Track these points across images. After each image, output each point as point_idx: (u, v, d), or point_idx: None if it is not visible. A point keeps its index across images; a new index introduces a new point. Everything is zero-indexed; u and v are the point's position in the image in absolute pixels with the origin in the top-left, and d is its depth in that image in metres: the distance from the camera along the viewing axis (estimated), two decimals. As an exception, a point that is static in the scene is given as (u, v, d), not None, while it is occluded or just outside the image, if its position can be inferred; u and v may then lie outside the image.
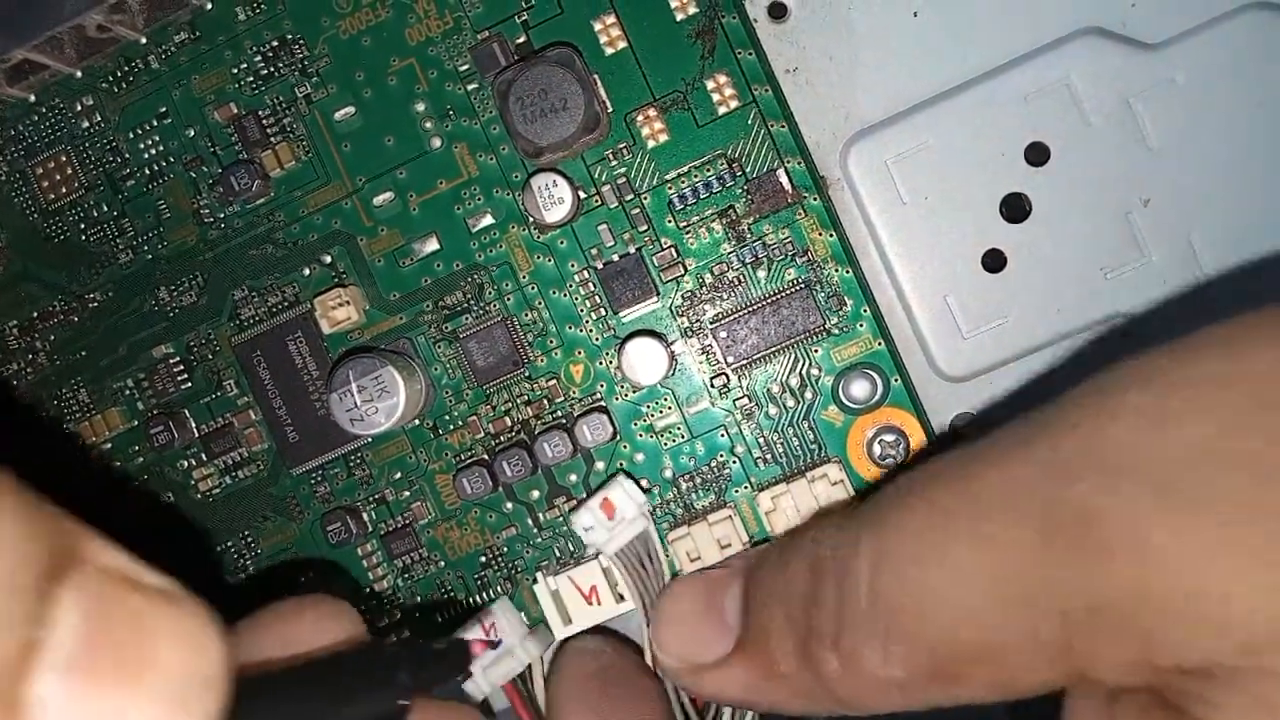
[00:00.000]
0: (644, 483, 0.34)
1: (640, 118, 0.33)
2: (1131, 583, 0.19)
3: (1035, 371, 0.34)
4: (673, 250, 0.33)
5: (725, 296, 0.33)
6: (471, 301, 0.34)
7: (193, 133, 0.35)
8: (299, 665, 0.22)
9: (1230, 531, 0.18)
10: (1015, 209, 0.33)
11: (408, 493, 0.35)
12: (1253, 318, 0.20)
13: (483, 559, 0.35)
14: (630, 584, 0.32)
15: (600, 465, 0.34)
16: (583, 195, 0.33)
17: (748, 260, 0.33)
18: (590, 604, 0.33)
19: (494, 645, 0.32)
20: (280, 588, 0.36)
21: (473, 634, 0.32)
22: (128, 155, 0.36)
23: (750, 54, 0.32)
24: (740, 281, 0.33)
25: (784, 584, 0.26)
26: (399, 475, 0.35)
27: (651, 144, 0.33)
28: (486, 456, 0.34)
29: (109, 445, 0.36)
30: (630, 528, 0.32)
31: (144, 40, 0.35)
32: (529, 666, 0.33)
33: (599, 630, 0.34)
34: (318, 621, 0.24)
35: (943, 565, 0.21)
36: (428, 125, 0.34)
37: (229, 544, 0.36)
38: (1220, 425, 0.19)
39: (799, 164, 0.32)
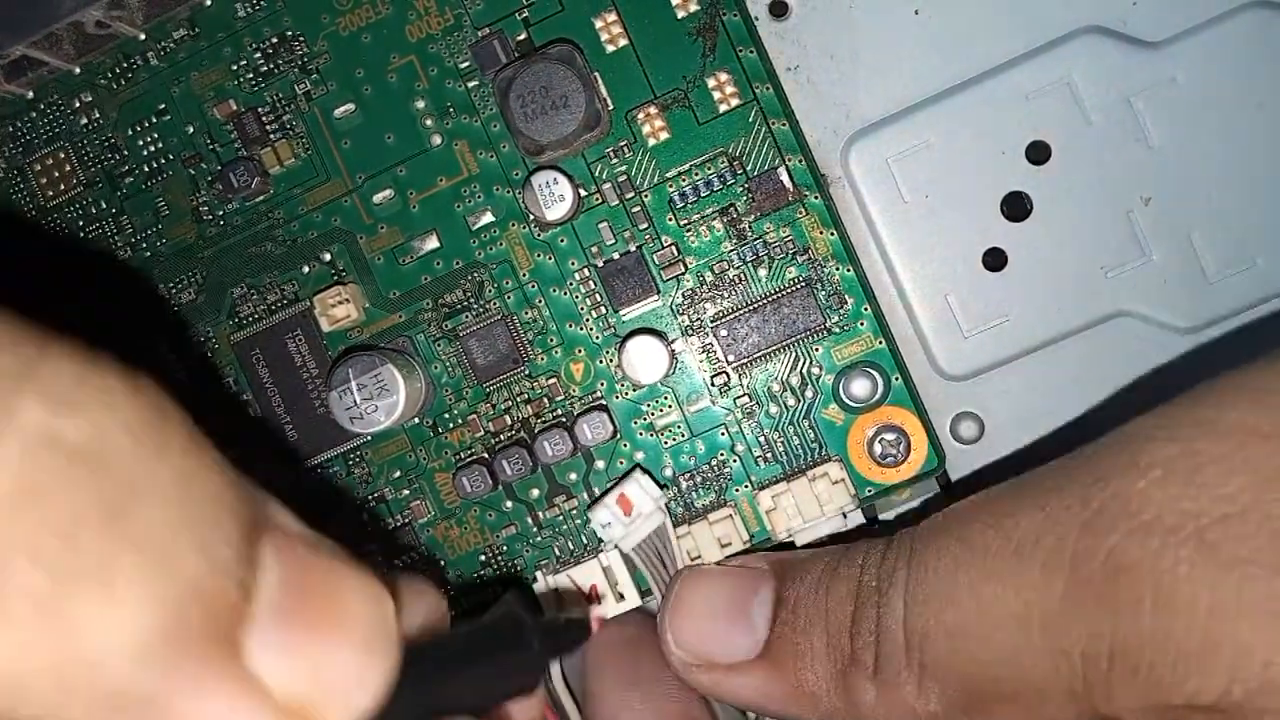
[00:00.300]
0: (644, 481, 0.34)
1: (641, 115, 0.33)
2: (1155, 631, 0.19)
3: (1036, 370, 0.34)
4: (673, 248, 0.33)
5: (726, 295, 0.33)
6: (471, 299, 0.34)
7: (192, 130, 0.35)
8: (450, 635, 0.23)
9: (1259, 588, 0.18)
10: (1016, 208, 0.33)
11: (407, 491, 0.35)
12: (1277, 364, 0.20)
13: (482, 558, 0.35)
14: (651, 577, 0.32)
15: (600, 464, 0.34)
16: (583, 193, 0.33)
17: (748, 258, 0.33)
18: (590, 603, 0.33)
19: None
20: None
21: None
22: (126, 152, 0.35)
23: (751, 52, 0.32)
24: (741, 280, 0.33)
25: (826, 607, 0.26)
26: (398, 473, 0.35)
27: (652, 142, 0.33)
28: (486, 455, 0.34)
29: (107, 443, 0.36)
30: (647, 522, 0.32)
31: (143, 37, 0.35)
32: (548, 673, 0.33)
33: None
34: (411, 601, 0.24)
35: (976, 605, 0.22)
36: (428, 122, 0.34)
37: (227, 542, 0.36)
38: (1250, 481, 0.19)
39: (800, 162, 0.32)
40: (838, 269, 0.33)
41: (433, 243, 0.34)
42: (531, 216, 0.33)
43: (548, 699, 0.33)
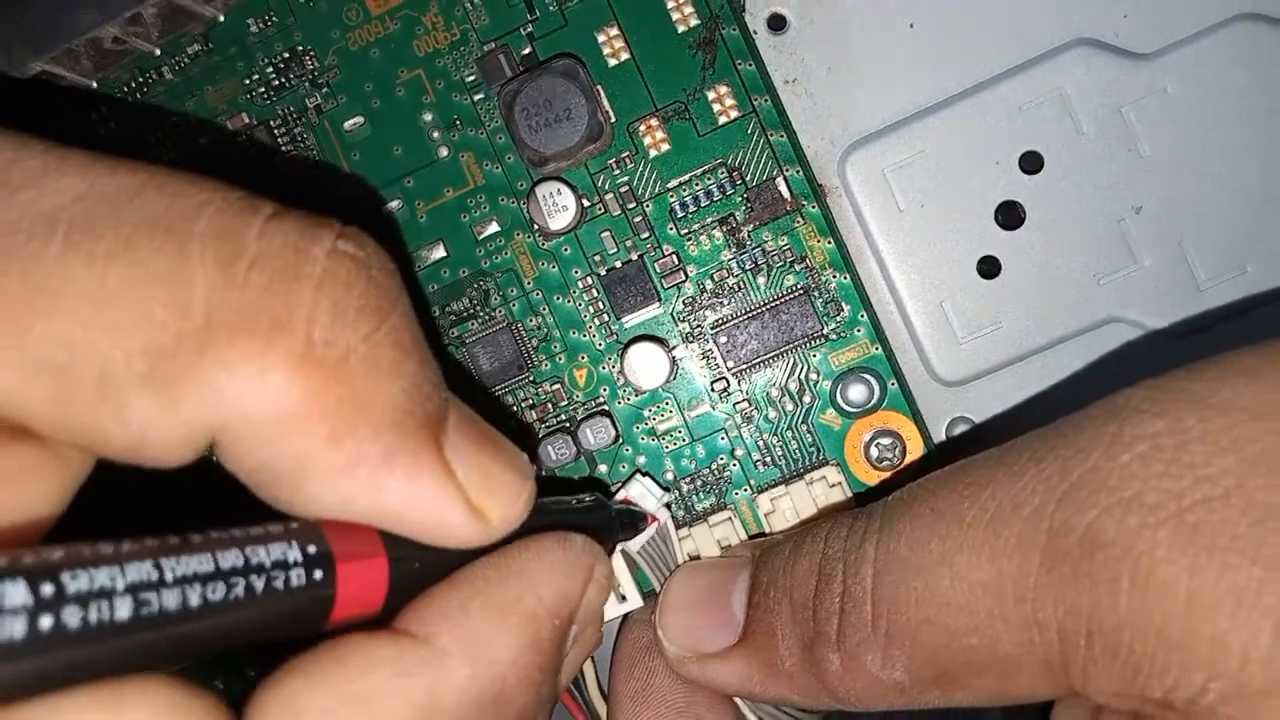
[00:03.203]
0: (646, 484, 0.34)
1: (642, 127, 0.34)
2: (1132, 614, 0.19)
3: (1030, 376, 0.34)
4: (674, 257, 0.34)
5: (725, 302, 0.34)
6: (477, 307, 0.35)
7: (205, 142, 0.36)
8: (562, 505, 0.27)
9: (1238, 577, 0.18)
10: (1010, 216, 0.34)
11: (415, 494, 0.36)
12: (1276, 346, 0.20)
13: (488, 559, 0.35)
14: (655, 578, 0.32)
15: (603, 468, 0.35)
16: (586, 203, 0.34)
17: (747, 266, 0.34)
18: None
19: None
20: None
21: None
22: (142, 164, 0.36)
23: (750, 65, 0.33)
24: (740, 287, 0.34)
25: (792, 582, 0.26)
26: (406, 477, 0.36)
27: (653, 153, 0.34)
28: (492, 459, 0.35)
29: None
30: (651, 524, 0.33)
31: (158, 52, 0.36)
32: (581, 670, 0.33)
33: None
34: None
35: (947, 574, 0.22)
36: (435, 135, 0.35)
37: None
38: (1236, 462, 0.18)
39: (798, 172, 0.33)
40: (835, 277, 0.33)
41: (440, 252, 0.35)
42: (536, 226, 0.34)
43: (580, 704, 0.34)
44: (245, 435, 0.17)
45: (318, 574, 0.17)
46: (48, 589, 0.13)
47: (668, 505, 0.34)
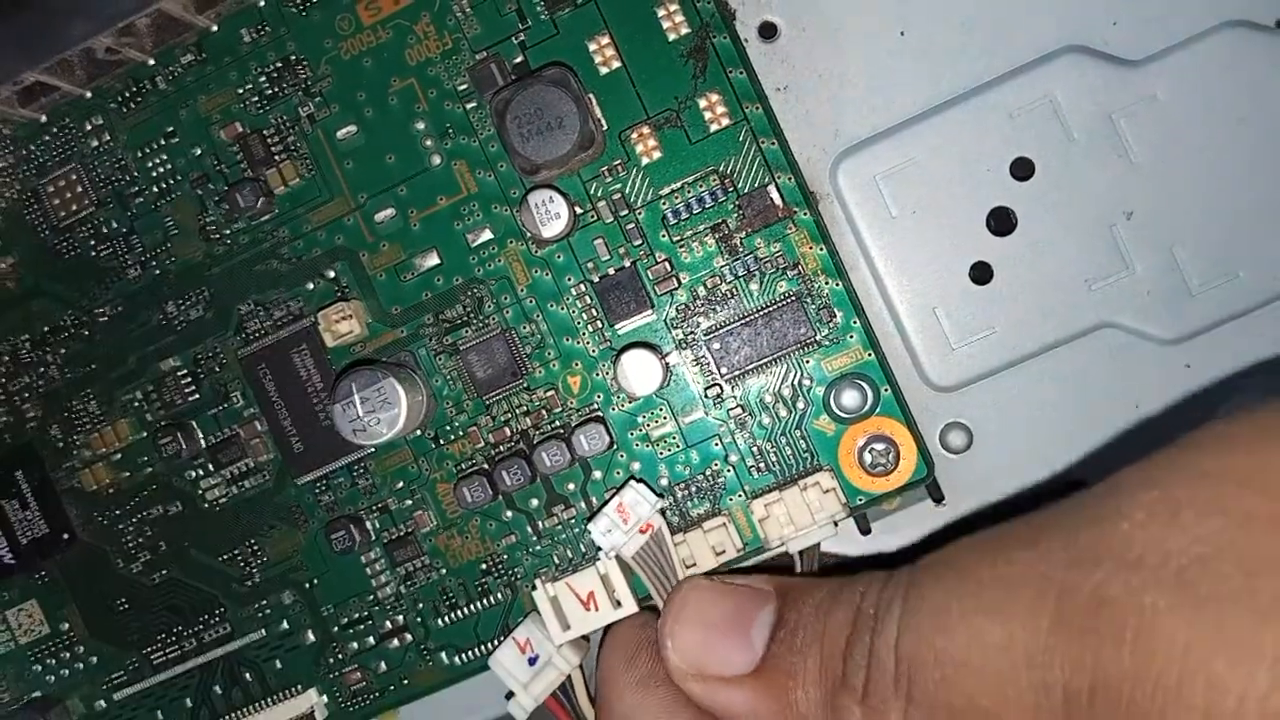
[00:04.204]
0: (640, 491, 0.34)
1: (634, 135, 0.34)
2: (1135, 666, 0.20)
3: (1023, 381, 0.34)
4: (667, 264, 0.34)
5: (718, 309, 0.34)
6: (471, 315, 0.35)
7: (199, 151, 0.36)
8: None
9: (1233, 625, 0.19)
10: (1001, 222, 0.34)
11: (410, 501, 0.36)
12: (1256, 415, 0.21)
13: (483, 566, 0.36)
14: (651, 584, 0.33)
15: (598, 474, 0.35)
16: (579, 211, 0.34)
17: (740, 273, 0.34)
18: (588, 609, 0.34)
19: (532, 661, 0.33)
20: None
21: (509, 651, 0.34)
22: (136, 173, 0.36)
23: (741, 73, 0.33)
24: (733, 294, 0.34)
25: (825, 629, 0.27)
26: (401, 484, 0.36)
27: (645, 161, 0.34)
28: (486, 466, 0.35)
29: (119, 455, 0.37)
30: (647, 531, 0.33)
31: (152, 62, 0.36)
32: (569, 677, 0.34)
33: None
34: None
35: (966, 635, 0.23)
36: (428, 143, 0.35)
37: (235, 553, 0.37)
38: (1226, 521, 0.20)
39: (789, 179, 0.33)
40: (827, 283, 0.33)
41: (433, 259, 0.35)
42: (529, 234, 0.34)
43: (568, 711, 0.34)
44: None
45: None
46: None
47: (662, 511, 0.34)
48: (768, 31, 0.35)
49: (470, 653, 0.36)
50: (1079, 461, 0.35)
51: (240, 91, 0.36)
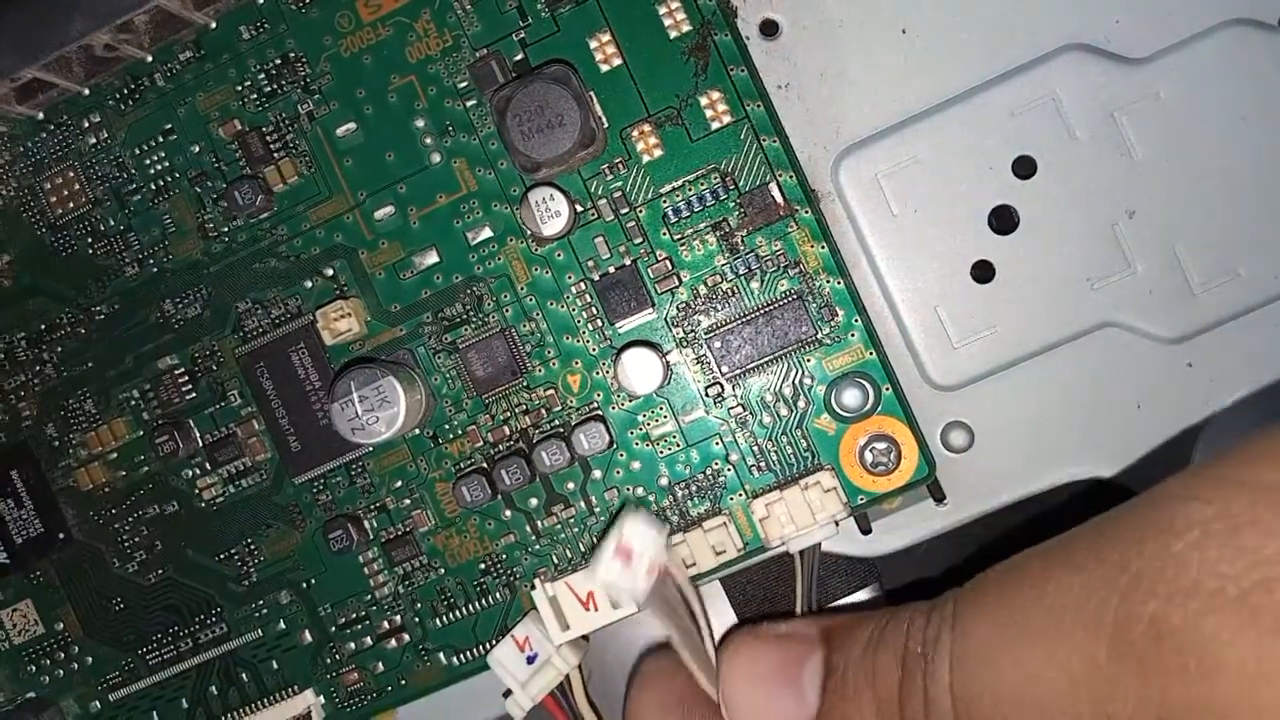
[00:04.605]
0: (640, 490, 0.34)
1: (635, 133, 0.34)
2: (1200, 698, 0.19)
3: (1024, 380, 0.34)
4: (667, 262, 0.34)
5: (719, 307, 0.34)
6: (470, 313, 0.35)
7: (197, 149, 0.36)
8: None
9: None
10: (1003, 221, 0.34)
11: (408, 501, 0.36)
12: None
13: (482, 566, 0.35)
14: (666, 621, 0.30)
15: (598, 473, 0.35)
16: (579, 209, 0.34)
17: (741, 272, 0.34)
18: (588, 609, 0.33)
19: (530, 660, 0.33)
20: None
21: (508, 649, 0.33)
22: (134, 171, 0.36)
23: (742, 70, 0.33)
24: (734, 293, 0.34)
25: (875, 671, 0.26)
26: (399, 484, 0.36)
27: (646, 159, 0.34)
28: (485, 465, 0.35)
29: (115, 454, 0.37)
30: (649, 571, 0.31)
31: (150, 59, 0.36)
32: (567, 677, 0.33)
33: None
34: None
35: (1020, 672, 0.22)
36: (427, 141, 0.35)
37: (232, 552, 0.37)
38: None
39: (791, 178, 0.33)
40: (828, 282, 0.33)
41: (432, 257, 0.35)
42: (529, 232, 0.34)
43: (566, 710, 0.34)
44: None
45: None
46: None
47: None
48: (769, 29, 0.35)
49: (468, 653, 0.36)
50: (1081, 461, 0.34)
51: (239, 89, 0.35)
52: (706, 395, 0.34)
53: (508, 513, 0.35)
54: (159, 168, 0.36)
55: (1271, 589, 0.18)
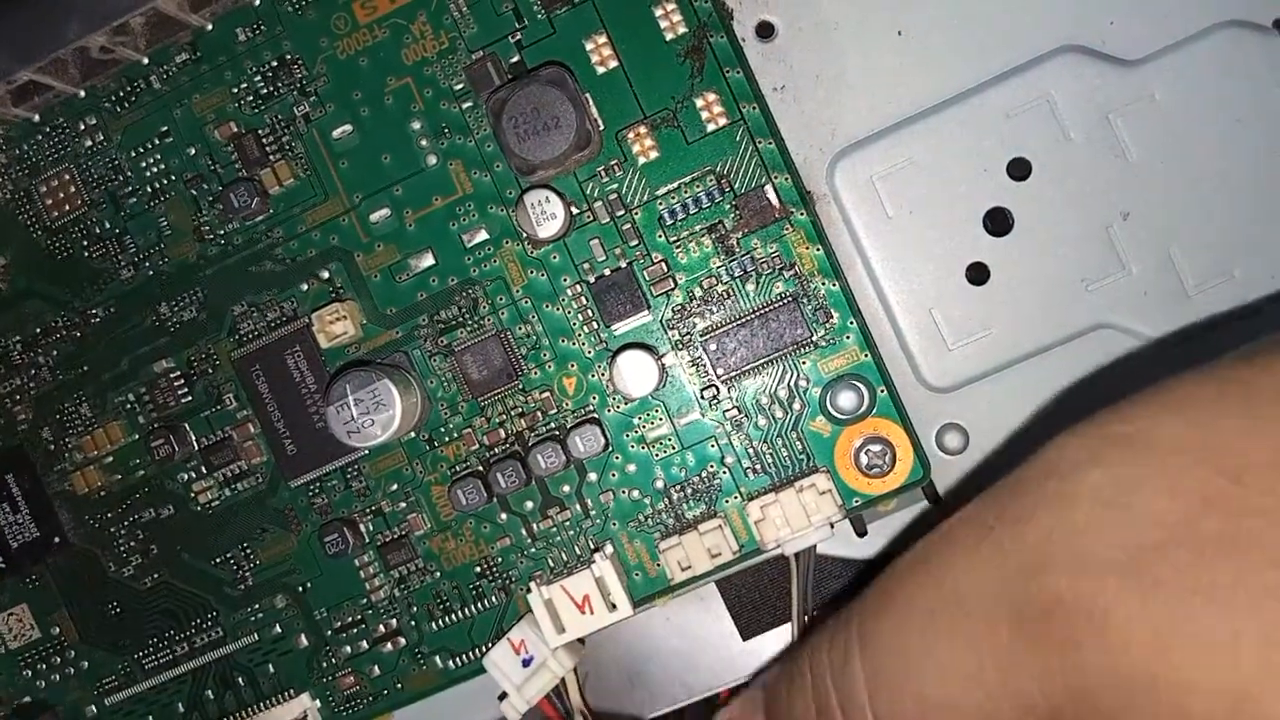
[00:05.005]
0: (635, 493, 0.34)
1: (631, 135, 0.34)
2: (1101, 671, 0.19)
3: (1019, 382, 0.34)
4: (663, 264, 0.34)
5: (715, 309, 0.34)
6: (466, 316, 0.35)
7: (193, 151, 0.36)
8: None
9: (1194, 617, 0.18)
10: (998, 223, 0.34)
11: (404, 504, 0.36)
12: (1208, 376, 0.20)
13: (478, 569, 0.35)
14: None
15: (593, 476, 0.34)
16: (575, 211, 0.34)
17: (736, 274, 0.34)
18: (584, 612, 0.33)
19: (526, 663, 0.33)
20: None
21: (504, 651, 0.33)
22: (130, 173, 0.36)
23: (738, 72, 0.33)
24: (729, 295, 0.34)
25: (792, 716, 0.26)
26: (395, 487, 0.36)
27: (642, 161, 0.34)
28: (481, 468, 0.35)
29: (111, 458, 0.37)
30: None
31: (146, 61, 0.36)
32: (563, 679, 0.33)
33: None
34: None
35: (934, 670, 0.22)
36: (423, 143, 0.35)
37: (228, 556, 0.37)
38: (1175, 504, 0.18)
39: (786, 180, 0.33)
40: (824, 284, 0.33)
41: (428, 260, 0.35)
42: (525, 234, 0.34)
43: (560, 711, 0.34)
44: None
45: None
46: None
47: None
48: (765, 31, 0.35)
49: (465, 656, 0.36)
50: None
51: (235, 91, 0.35)
52: (702, 398, 0.34)
53: (503, 516, 0.35)
54: (155, 170, 0.36)
55: (1162, 551, 0.18)
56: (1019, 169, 0.33)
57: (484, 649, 0.35)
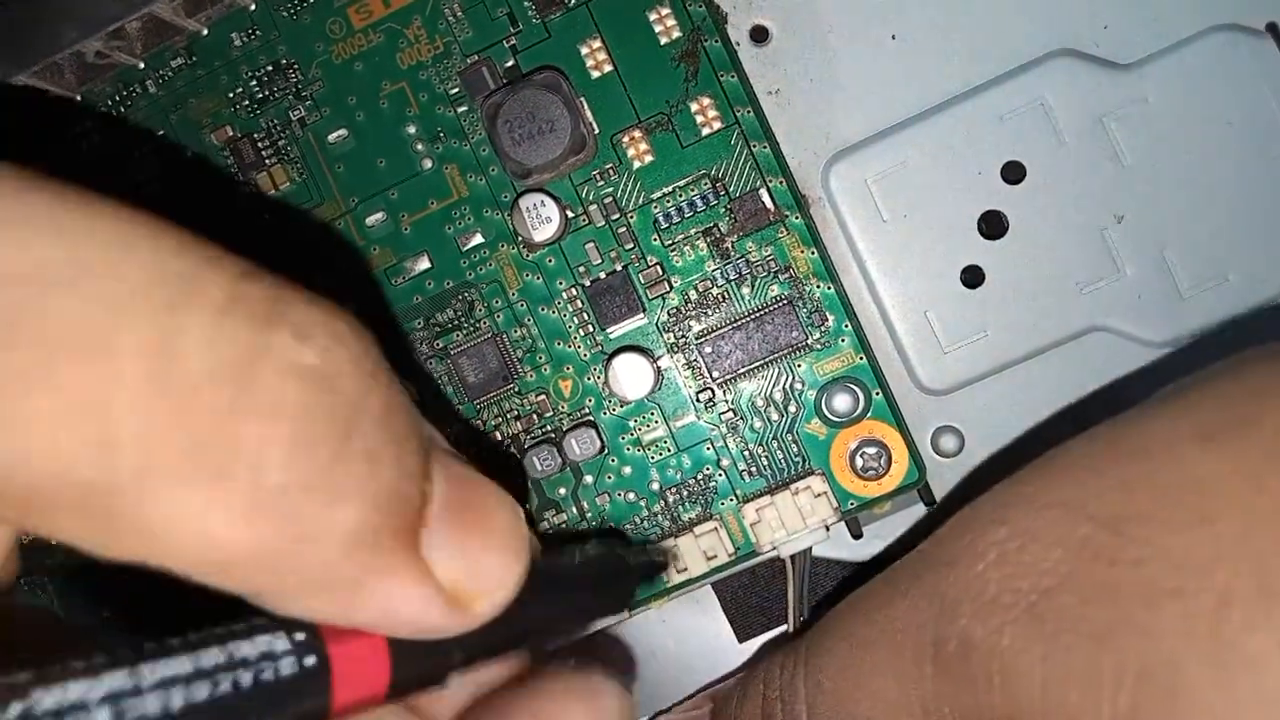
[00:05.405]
0: (631, 495, 0.34)
1: (626, 139, 0.34)
2: (1005, 706, 0.20)
3: (1014, 385, 0.34)
4: (658, 268, 0.34)
5: (710, 312, 0.34)
6: (462, 319, 0.35)
7: (189, 155, 0.36)
8: (560, 561, 0.25)
9: (1079, 655, 0.19)
10: (993, 226, 0.34)
11: (400, 506, 0.36)
12: (1081, 444, 0.22)
13: (474, 571, 0.35)
14: None
15: (589, 479, 0.35)
16: (570, 215, 0.34)
17: (731, 277, 0.34)
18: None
19: None
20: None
21: None
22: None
23: (733, 76, 0.33)
24: (724, 298, 0.34)
25: None
26: (392, 489, 0.36)
27: (637, 164, 0.34)
28: (477, 470, 0.35)
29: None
30: None
31: (142, 65, 0.36)
32: None
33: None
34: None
35: (866, 699, 0.24)
36: (419, 147, 0.35)
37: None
38: (1065, 553, 0.20)
39: (781, 183, 0.33)
40: (819, 287, 0.33)
41: (424, 263, 0.35)
42: (520, 238, 0.34)
43: None
44: (193, 573, 0.15)
45: (309, 659, 0.16)
46: (15, 709, 0.13)
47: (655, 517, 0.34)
48: (759, 35, 0.35)
49: (461, 658, 0.36)
50: (1071, 465, 0.35)
51: (231, 95, 0.35)
52: (697, 400, 0.34)
53: (500, 518, 0.35)
54: (150, 176, 0.36)
55: (1051, 596, 0.20)
56: (1013, 172, 0.33)
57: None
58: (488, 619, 0.18)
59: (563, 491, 0.35)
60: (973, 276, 0.34)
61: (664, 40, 0.33)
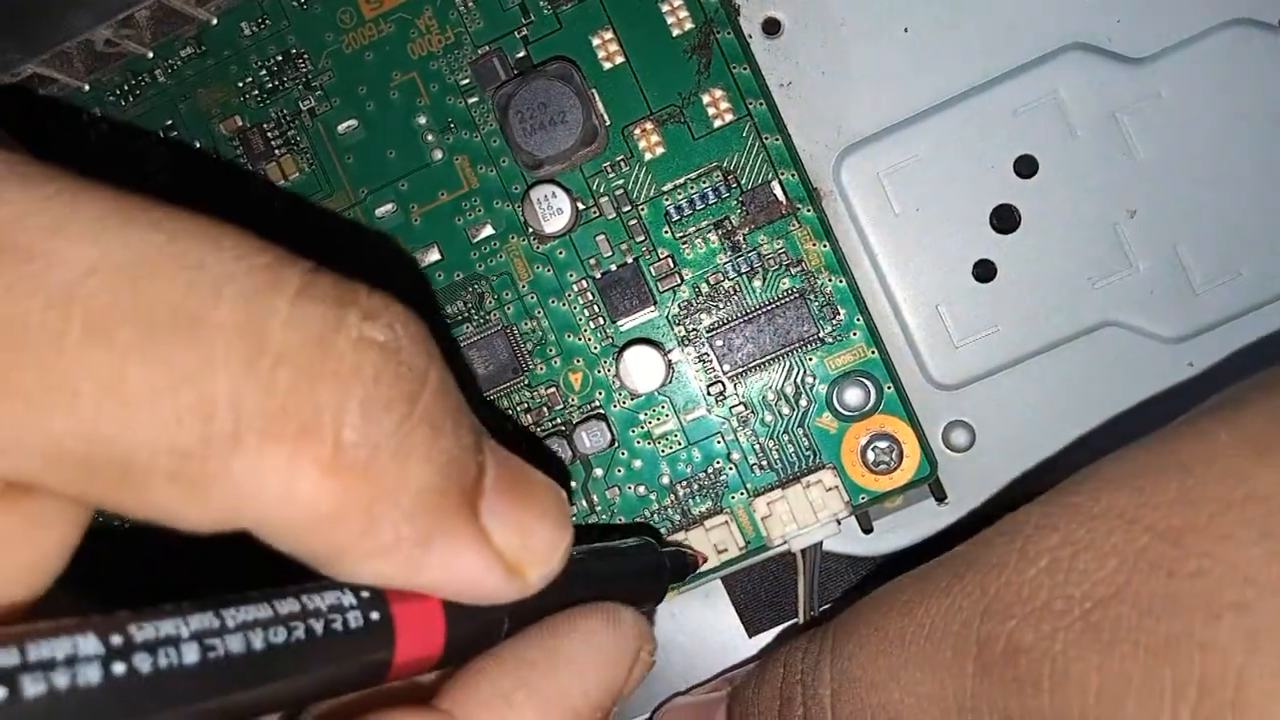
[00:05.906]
0: (642, 489, 0.34)
1: (637, 131, 0.34)
2: (1055, 711, 0.20)
3: (1026, 379, 0.34)
4: (669, 260, 0.34)
5: (721, 305, 0.34)
6: (472, 311, 0.35)
7: (199, 145, 0.36)
8: (608, 547, 0.27)
9: (1135, 666, 0.19)
10: (1005, 220, 0.34)
11: (409, 499, 0.36)
12: (1149, 447, 0.22)
13: (482, 564, 0.35)
14: None
15: (599, 472, 0.34)
16: (581, 206, 0.34)
17: (743, 270, 0.34)
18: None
19: None
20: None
21: None
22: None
23: (745, 69, 0.33)
24: (736, 291, 0.34)
25: (758, 708, 0.28)
26: (400, 482, 0.36)
27: (648, 156, 0.34)
28: (486, 463, 0.35)
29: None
30: None
31: (151, 55, 0.36)
32: None
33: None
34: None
35: (897, 689, 0.24)
36: (429, 138, 0.34)
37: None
38: (1121, 563, 0.20)
39: (793, 176, 0.33)
40: (830, 280, 0.33)
41: (434, 255, 0.35)
42: (530, 229, 0.34)
43: None
44: (277, 532, 0.17)
45: (374, 614, 0.18)
46: (116, 639, 0.14)
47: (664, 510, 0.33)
48: (771, 27, 0.35)
49: (469, 652, 0.35)
50: (1081, 460, 0.34)
51: (240, 85, 0.35)
52: (708, 394, 0.34)
53: (508, 511, 0.35)
54: (159, 165, 0.36)
55: (1107, 606, 0.20)
56: (1026, 166, 0.33)
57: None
58: (538, 589, 0.20)
59: (573, 484, 0.35)
60: (985, 271, 0.34)
61: (676, 32, 0.33)
